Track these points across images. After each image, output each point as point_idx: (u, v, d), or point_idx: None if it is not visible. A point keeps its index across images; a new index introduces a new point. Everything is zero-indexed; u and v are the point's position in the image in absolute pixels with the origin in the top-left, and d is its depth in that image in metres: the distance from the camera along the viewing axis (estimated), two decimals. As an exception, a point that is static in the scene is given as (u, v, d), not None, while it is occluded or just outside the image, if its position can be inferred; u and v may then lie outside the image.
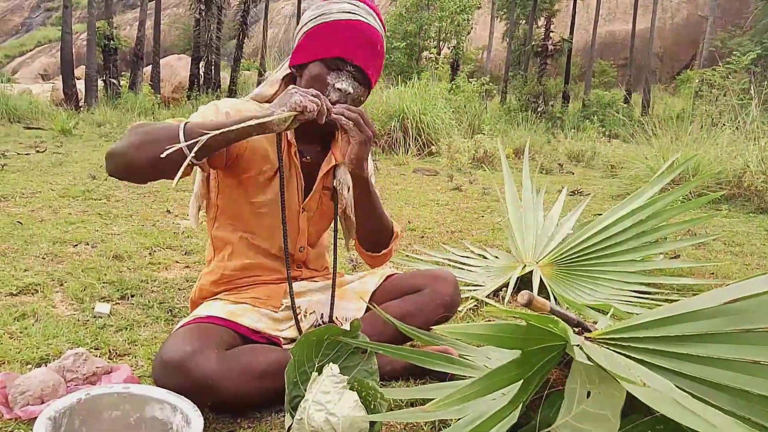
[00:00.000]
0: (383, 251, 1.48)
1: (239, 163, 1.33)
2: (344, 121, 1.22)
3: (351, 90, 1.30)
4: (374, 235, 1.46)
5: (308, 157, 1.40)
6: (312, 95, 1.14)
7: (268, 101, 1.39)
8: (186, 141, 1.09)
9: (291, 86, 1.20)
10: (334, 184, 1.42)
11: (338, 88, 1.29)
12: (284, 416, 1.16)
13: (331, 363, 1.12)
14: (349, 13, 1.28)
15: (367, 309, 1.43)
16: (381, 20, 1.35)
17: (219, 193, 1.40)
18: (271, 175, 1.36)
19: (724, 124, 5.49)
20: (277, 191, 1.35)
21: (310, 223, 1.45)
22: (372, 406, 1.09)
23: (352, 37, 1.28)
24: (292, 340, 1.35)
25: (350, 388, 1.10)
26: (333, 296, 1.43)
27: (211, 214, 1.44)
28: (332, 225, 1.51)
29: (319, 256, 1.54)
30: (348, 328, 1.15)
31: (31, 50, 36.07)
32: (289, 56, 1.38)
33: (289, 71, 1.40)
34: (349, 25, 1.28)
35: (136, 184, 4.05)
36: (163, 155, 1.06)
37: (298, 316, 1.39)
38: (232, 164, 1.33)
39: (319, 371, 1.12)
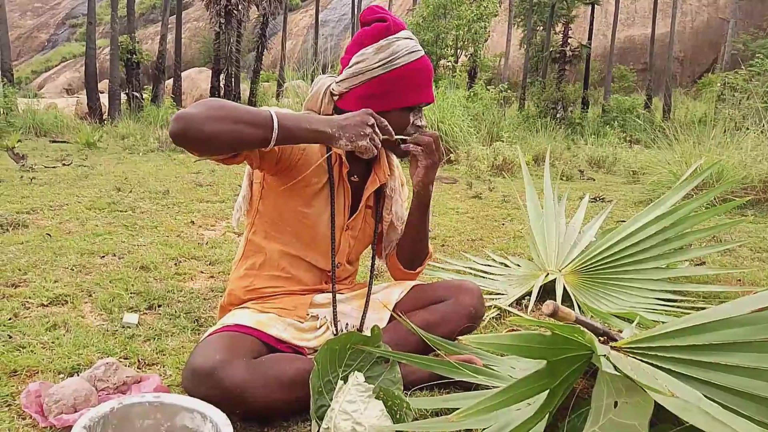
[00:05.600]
0: (418, 269, 1.56)
1: (291, 170, 1.35)
2: (413, 148, 1.35)
3: (425, 123, 1.42)
4: (416, 253, 1.53)
5: (356, 177, 1.43)
6: (377, 143, 1.23)
7: None
8: (275, 129, 1.13)
9: (369, 119, 1.23)
10: (382, 210, 1.49)
11: (418, 126, 1.39)
12: (310, 425, 1.17)
13: (356, 372, 1.13)
14: (413, 52, 1.34)
15: (391, 318, 1.44)
16: None
17: (262, 198, 1.42)
18: (319, 189, 1.38)
19: (748, 128, 5.40)
20: (323, 205, 1.39)
21: (351, 241, 1.48)
22: (398, 416, 1.10)
23: (425, 80, 1.36)
24: (316, 350, 1.37)
25: (375, 398, 1.11)
26: (366, 307, 1.45)
27: (250, 219, 1.46)
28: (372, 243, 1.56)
29: (352, 273, 1.57)
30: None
31: (56, 66, 36.96)
32: (327, 89, 1.38)
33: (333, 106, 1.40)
34: (418, 67, 1.34)
35: (158, 200, 4.12)
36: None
37: (323, 327, 1.41)
38: (284, 169, 1.34)
39: (344, 380, 1.13)
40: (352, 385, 1.10)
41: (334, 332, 1.41)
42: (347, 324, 1.43)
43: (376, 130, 1.24)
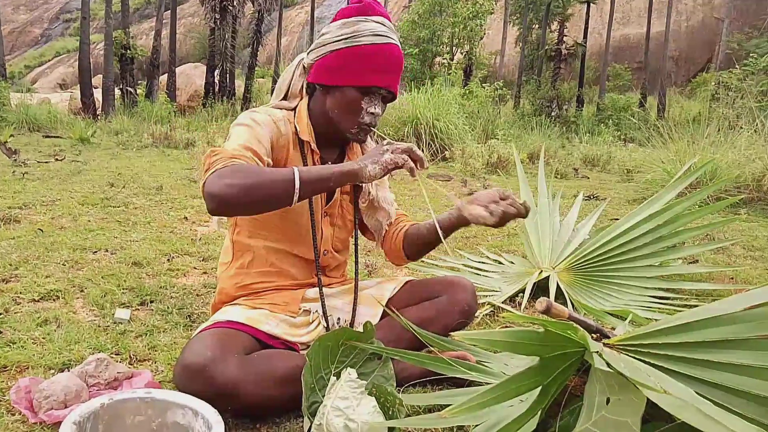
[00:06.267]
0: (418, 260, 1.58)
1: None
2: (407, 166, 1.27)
3: (382, 112, 1.37)
4: (426, 251, 1.54)
5: (330, 163, 1.42)
6: (402, 150, 1.22)
7: (292, 109, 1.43)
8: (298, 190, 1.16)
9: (383, 144, 1.25)
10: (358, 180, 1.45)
11: (371, 113, 1.35)
12: (303, 421, 1.17)
13: (348, 368, 1.12)
14: (379, 35, 1.31)
15: (384, 314, 1.44)
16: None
17: None
18: None
19: (741, 127, 5.42)
20: None
21: (333, 227, 1.48)
22: (390, 412, 1.09)
23: (386, 64, 1.32)
24: (309, 346, 1.37)
25: (368, 394, 1.10)
26: (356, 301, 1.44)
27: (233, 219, 1.47)
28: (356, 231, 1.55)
29: (341, 263, 1.56)
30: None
31: (49, 61, 36.75)
32: (300, 62, 1.40)
33: (304, 80, 1.42)
34: (381, 51, 1.31)
35: (152, 196, 4.11)
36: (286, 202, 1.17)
37: (315, 322, 1.40)
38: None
39: (337, 376, 1.13)
40: (344, 381, 1.10)
41: (325, 326, 1.40)
42: (339, 319, 1.43)
43: (394, 147, 1.23)
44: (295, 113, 1.42)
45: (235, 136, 1.30)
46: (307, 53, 1.39)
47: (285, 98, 1.44)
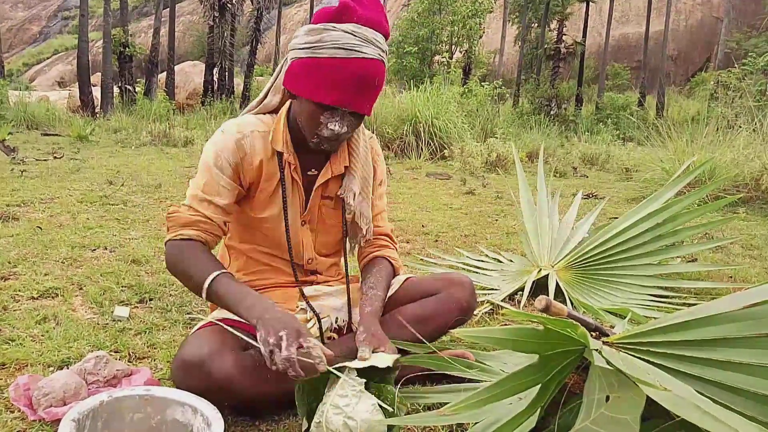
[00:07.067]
0: None
1: (251, 187, 1.36)
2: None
3: (345, 130, 1.24)
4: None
5: (313, 170, 1.38)
6: (275, 360, 1.05)
7: (276, 110, 1.38)
8: (205, 297, 1.22)
9: (286, 331, 1.06)
10: (339, 193, 1.39)
11: (331, 129, 1.23)
12: (301, 419, 1.17)
13: (348, 367, 1.12)
14: (345, 49, 1.16)
15: (386, 309, 1.44)
16: (384, 19, 1.23)
17: None
18: (272, 192, 1.36)
19: (740, 127, 5.43)
20: (278, 207, 1.36)
21: (315, 234, 1.44)
22: (390, 410, 1.09)
23: (347, 83, 1.17)
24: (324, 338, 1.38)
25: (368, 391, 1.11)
26: (349, 303, 1.44)
27: None
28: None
29: (332, 264, 1.53)
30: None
31: (48, 58, 36.69)
32: (287, 62, 1.29)
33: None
34: (343, 67, 1.17)
35: (150, 193, 4.11)
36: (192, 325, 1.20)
37: (312, 320, 1.40)
38: (248, 189, 1.36)
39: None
40: (344, 379, 1.10)
41: (319, 328, 1.38)
42: (337, 319, 1.42)
43: (284, 345, 1.04)
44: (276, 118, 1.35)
45: (197, 179, 1.32)
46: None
47: (273, 95, 1.37)
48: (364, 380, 1.11)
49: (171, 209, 1.31)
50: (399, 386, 1.18)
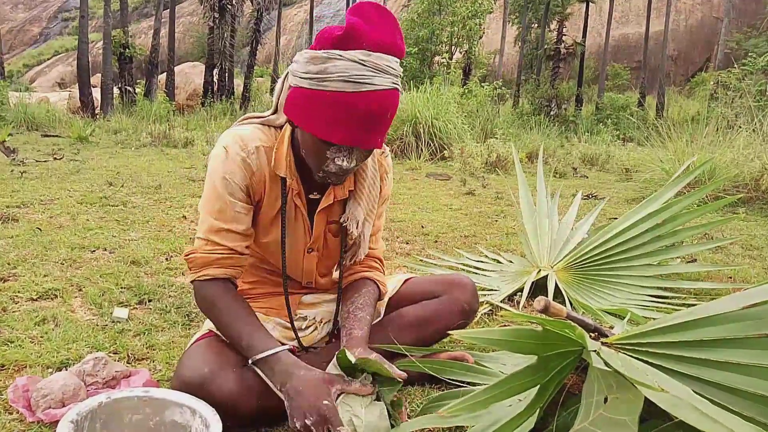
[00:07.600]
0: None
1: (259, 202, 1.28)
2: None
3: (353, 165, 1.12)
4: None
5: (316, 194, 1.30)
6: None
7: (280, 126, 1.26)
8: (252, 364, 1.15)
9: (318, 412, 1.03)
10: (342, 221, 1.31)
11: (338, 165, 1.11)
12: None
13: (366, 373, 1.13)
14: (352, 82, 1.02)
15: (386, 311, 1.43)
16: (399, 37, 1.08)
17: None
18: (273, 216, 1.28)
19: (740, 127, 5.43)
20: (279, 231, 1.29)
21: (318, 261, 1.38)
22: (391, 416, 1.11)
23: (358, 123, 1.04)
24: (305, 348, 1.37)
25: (377, 400, 1.12)
26: (337, 311, 1.41)
27: None
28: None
29: (329, 280, 1.49)
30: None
31: (48, 59, 36.70)
32: (288, 79, 1.17)
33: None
34: (352, 102, 1.03)
35: (150, 195, 4.11)
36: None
37: (311, 326, 1.40)
38: (256, 203, 1.28)
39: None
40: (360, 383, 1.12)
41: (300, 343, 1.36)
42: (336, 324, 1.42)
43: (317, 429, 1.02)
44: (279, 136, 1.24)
45: (208, 206, 1.22)
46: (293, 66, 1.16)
47: (276, 112, 1.26)
48: (377, 389, 1.12)
49: (187, 252, 1.23)
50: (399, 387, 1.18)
